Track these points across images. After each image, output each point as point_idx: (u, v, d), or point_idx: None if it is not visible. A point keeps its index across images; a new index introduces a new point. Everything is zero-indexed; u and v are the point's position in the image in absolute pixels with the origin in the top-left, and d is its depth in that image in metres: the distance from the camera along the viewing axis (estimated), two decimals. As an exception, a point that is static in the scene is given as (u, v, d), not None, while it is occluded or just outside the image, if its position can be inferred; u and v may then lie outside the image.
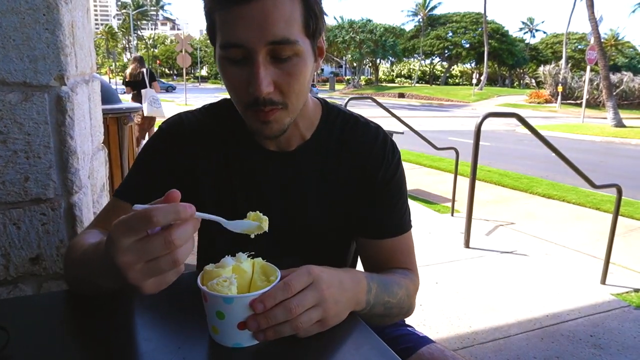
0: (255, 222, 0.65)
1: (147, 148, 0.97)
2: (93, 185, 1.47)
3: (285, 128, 0.85)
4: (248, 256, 0.67)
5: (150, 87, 6.49)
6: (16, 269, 1.18)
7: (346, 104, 5.06)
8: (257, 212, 0.67)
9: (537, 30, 77.80)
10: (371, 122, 1.02)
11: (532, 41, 70.30)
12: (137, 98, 6.39)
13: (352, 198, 0.97)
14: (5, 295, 1.18)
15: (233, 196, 0.96)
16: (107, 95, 2.28)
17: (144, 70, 6.53)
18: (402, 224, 0.99)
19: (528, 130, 3.56)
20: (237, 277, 0.62)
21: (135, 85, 6.63)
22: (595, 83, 25.76)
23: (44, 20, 1.08)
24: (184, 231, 0.54)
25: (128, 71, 6.77)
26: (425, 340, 0.98)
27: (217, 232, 0.98)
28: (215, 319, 0.61)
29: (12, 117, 1.09)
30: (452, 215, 4.69)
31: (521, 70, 61.84)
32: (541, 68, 32.72)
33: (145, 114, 6.21)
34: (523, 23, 79.58)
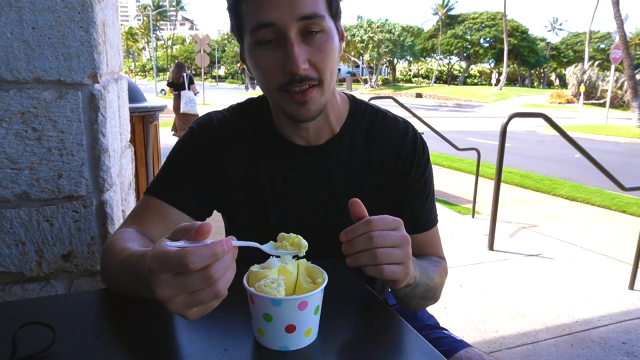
0: (293, 250, 0.64)
1: (179, 147, 0.97)
2: (121, 183, 1.48)
3: (320, 109, 0.86)
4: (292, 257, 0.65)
5: (189, 89, 7.36)
6: (49, 265, 1.18)
7: (366, 103, 5.04)
8: (298, 236, 0.66)
9: (560, 30, 76.33)
10: (399, 118, 1.02)
11: (555, 40, 68.99)
12: (178, 98, 7.39)
13: (381, 193, 0.97)
14: (37, 291, 1.19)
15: (262, 191, 0.96)
16: (132, 94, 2.30)
17: (184, 74, 7.41)
18: (432, 218, 1.01)
19: (550, 131, 3.49)
20: (283, 278, 0.60)
21: (176, 87, 7.55)
22: (620, 82, 25.14)
23: (79, 19, 1.08)
24: (222, 264, 0.52)
25: (170, 74, 7.73)
26: (462, 344, 0.96)
27: (246, 229, 0.98)
28: (262, 321, 0.59)
29: (46, 115, 1.10)
30: (473, 216, 4.62)
31: (541, 70, 60.77)
32: (569, 68, 32.13)
33: (180, 112, 7.07)
34: (550, 23, 78.16)
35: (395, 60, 55.09)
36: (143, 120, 2.34)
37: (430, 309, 1.17)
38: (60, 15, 1.06)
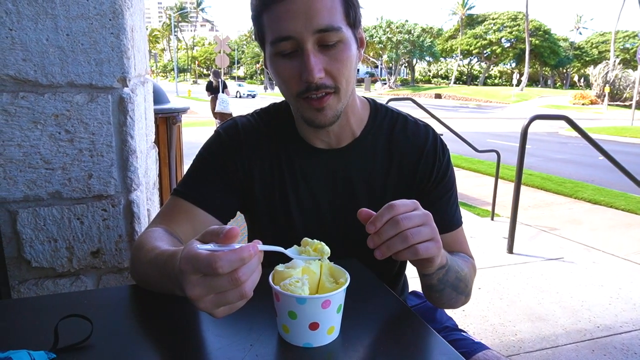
0: (316, 256, 0.67)
1: (205, 150, 1.00)
2: (147, 183, 1.52)
3: (338, 114, 0.88)
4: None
5: (223, 92, 9.12)
6: (79, 261, 1.23)
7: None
8: (321, 243, 0.69)
9: (584, 29, 74.57)
10: (419, 121, 1.04)
11: (579, 39, 67.42)
12: (215, 100, 9.14)
13: (403, 196, 0.97)
14: (68, 286, 1.25)
15: (284, 193, 0.98)
16: (156, 96, 2.35)
17: (220, 80, 9.30)
18: (457, 218, 1.03)
19: (573, 133, 3.43)
20: (307, 277, 0.62)
21: (214, 91, 9.36)
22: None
23: (110, 25, 1.13)
24: (249, 268, 0.55)
25: (212, 79, 9.65)
26: (481, 346, 0.97)
27: (269, 230, 1.00)
28: (287, 319, 0.62)
29: (78, 117, 1.15)
30: (492, 219, 4.57)
31: (564, 70, 59.50)
32: (591, 68, 31.43)
33: (215, 111, 8.99)
34: (574, 22, 76.44)
35: (414, 61, 54.71)
36: (167, 122, 2.40)
37: (449, 312, 1.18)
38: (92, 22, 1.11)
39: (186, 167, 1.05)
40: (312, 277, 0.64)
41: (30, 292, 1.21)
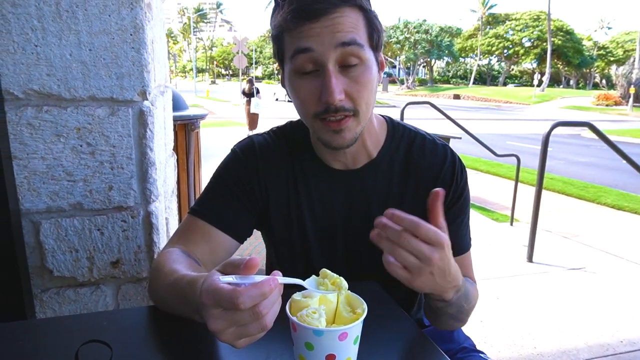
0: (334, 291, 0.66)
1: (222, 169, 1.00)
2: (165, 192, 1.54)
3: (356, 137, 0.87)
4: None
5: (255, 96, 10.81)
6: (99, 271, 1.25)
7: (403, 110, 4.99)
8: (340, 277, 0.68)
9: (609, 28, 72.75)
10: (437, 140, 1.01)
11: (602, 39, 65.80)
12: (249, 103, 10.95)
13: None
14: (88, 295, 1.27)
15: (300, 213, 0.98)
16: (175, 102, 2.38)
17: (254, 87, 11.05)
18: (466, 242, 1.00)
19: (596, 136, 3.33)
20: (325, 308, 0.62)
21: (248, 95, 11.08)
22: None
23: (131, 40, 1.14)
24: (270, 301, 0.56)
25: (245, 87, 11.49)
26: (499, 370, 0.94)
27: (285, 249, 1.00)
28: (304, 349, 0.61)
29: (100, 131, 1.17)
30: (512, 224, 4.50)
31: (587, 71, 58.16)
32: (613, 68, 30.70)
33: (250, 112, 10.79)
34: (600, 21, 74.66)
35: (433, 61, 54.21)
36: (185, 128, 2.43)
37: (466, 325, 1.16)
38: (114, 37, 1.12)
39: (204, 171, 1.06)
40: (329, 306, 0.64)
41: (52, 300, 1.24)
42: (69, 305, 1.26)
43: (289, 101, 10.97)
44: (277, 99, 26.45)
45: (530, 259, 3.51)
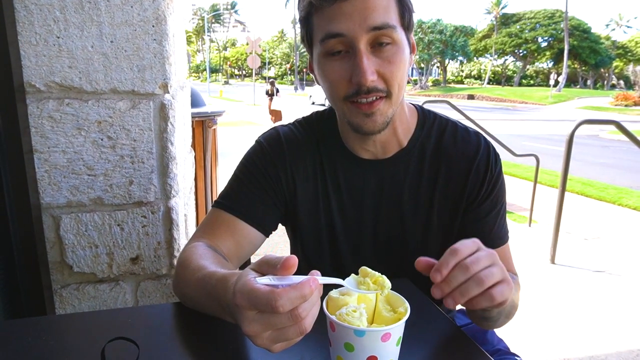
0: (375, 290, 0.61)
1: (247, 160, 0.97)
2: (184, 188, 1.52)
3: (387, 121, 0.84)
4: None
5: (276, 95, 12.96)
6: (118, 267, 1.24)
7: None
8: (382, 276, 0.62)
9: (628, 27, 71.23)
10: (470, 129, 0.98)
11: (621, 38, 64.55)
12: (271, 101, 13.04)
13: (450, 208, 0.94)
14: (108, 291, 1.25)
15: (328, 204, 0.95)
16: (193, 99, 2.36)
17: (275, 87, 13.35)
18: (503, 234, 0.98)
19: (616, 136, 3.27)
20: (365, 307, 0.58)
21: (271, 95, 13.18)
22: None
23: (153, 32, 1.12)
24: (309, 303, 0.52)
25: (268, 87, 13.81)
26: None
27: (312, 242, 0.97)
28: (343, 350, 0.58)
29: (120, 124, 1.15)
30: (530, 225, 4.41)
31: (605, 70, 57.10)
32: (630, 67, 30.12)
33: (271, 109, 12.78)
34: (618, 19, 73.22)
35: (447, 61, 53.80)
36: (203, 125, 2.41)
37: (498, 331, 1.12)
38: (136, 29, 1.10)
39: (221, 169, 1.03)
40: (369, 305, 0.60)
41: (71, 296, 1.22)
42: (88, 302, 1.24)
43: (268, 97, 13.51)
44: (313, 103, 25.20)
45: (552, 260, 3.43)
